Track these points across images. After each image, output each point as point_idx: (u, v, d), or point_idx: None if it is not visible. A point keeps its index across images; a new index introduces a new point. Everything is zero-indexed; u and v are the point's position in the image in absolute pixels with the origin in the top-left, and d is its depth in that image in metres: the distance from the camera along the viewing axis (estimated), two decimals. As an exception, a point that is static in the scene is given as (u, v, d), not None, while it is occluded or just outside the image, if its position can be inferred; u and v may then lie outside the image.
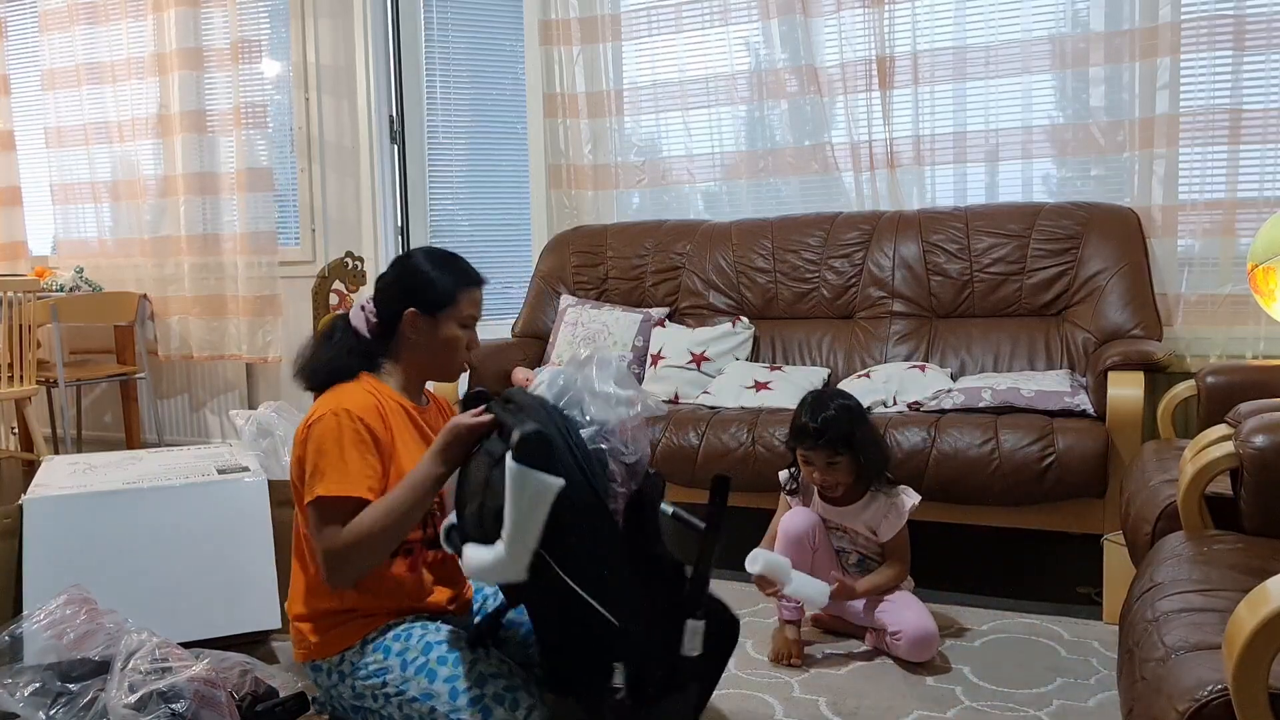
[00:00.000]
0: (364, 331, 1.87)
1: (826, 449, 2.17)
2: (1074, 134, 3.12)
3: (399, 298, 1.85)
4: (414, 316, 1.84)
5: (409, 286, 1.86)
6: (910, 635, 2.10)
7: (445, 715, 1.68)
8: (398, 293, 1.86)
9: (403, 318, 1.84)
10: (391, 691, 1.73)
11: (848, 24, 3.33)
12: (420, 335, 1.85)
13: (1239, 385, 2.13)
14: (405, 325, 1.84)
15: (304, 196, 4.34)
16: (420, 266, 1.87)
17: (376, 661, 1.74)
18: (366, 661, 1.75)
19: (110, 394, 4.84)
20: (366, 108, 4.18)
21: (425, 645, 1.73)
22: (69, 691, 1.60)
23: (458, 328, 1.86)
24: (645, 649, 1.51)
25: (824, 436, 2.15)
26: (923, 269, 3.15)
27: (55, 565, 2.14)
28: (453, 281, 1.86)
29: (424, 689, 1.70)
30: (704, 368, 3.18)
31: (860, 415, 2.22)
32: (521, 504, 1.42)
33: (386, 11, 4.20)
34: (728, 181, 3.64)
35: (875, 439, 2.26)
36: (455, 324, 1.85)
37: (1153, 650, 1.15)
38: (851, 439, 2.16)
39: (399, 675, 1.72)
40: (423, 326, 1.84)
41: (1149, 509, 1.75)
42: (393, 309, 1.85)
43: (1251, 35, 2.83)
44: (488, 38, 4.35)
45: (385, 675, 1.73)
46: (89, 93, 4.66)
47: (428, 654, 1.72)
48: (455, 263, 1.91)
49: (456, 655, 1.72)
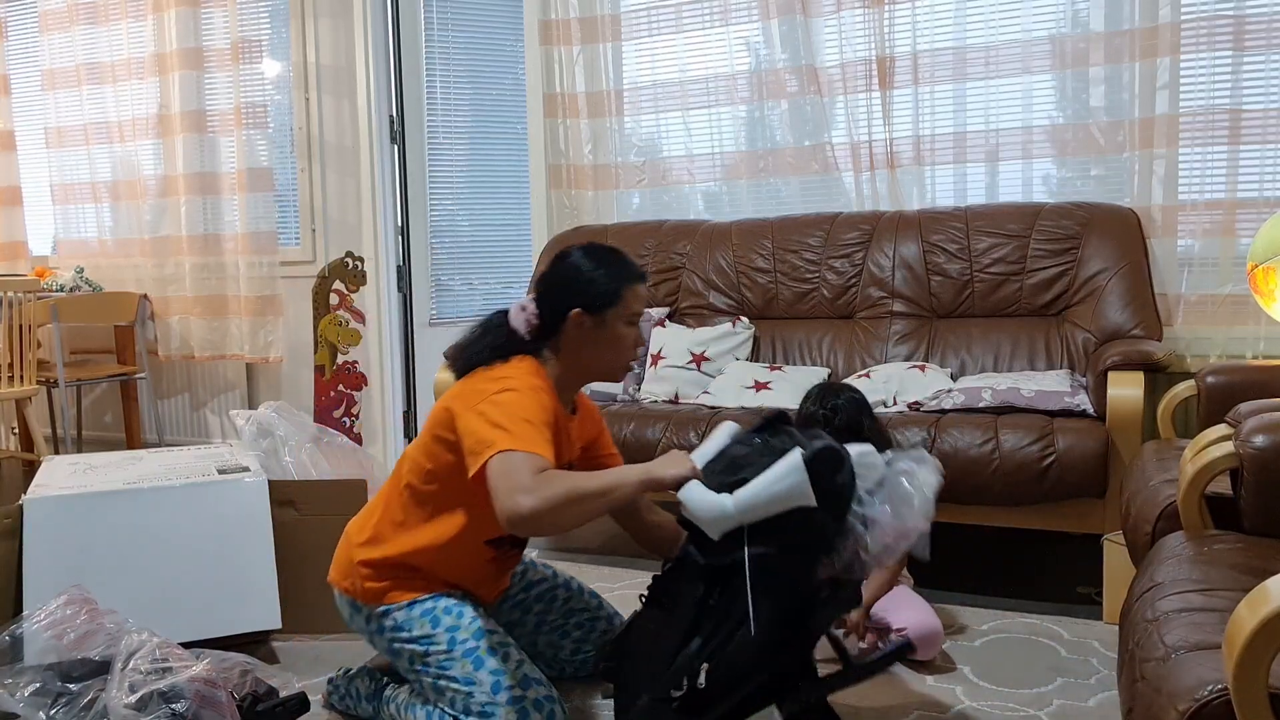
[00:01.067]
0: (523, 333, 1.82)
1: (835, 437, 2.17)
2: (1074, 134, 3.12)
3: (563, 298, 1.80)
4: (580, 316, 1.78)
5: (573, 286, 1.80)
6: (915, 632, 2.10)
7: (480, 706, 1.69)
8: (562, 293, 1.80)
9: (567, 318, 1.79)
10: (432, 663, 1.74)
11: (848, 24, 3.33)
12: (586, 335, 1.80)
13: (1239, 385, 2.13)
14: (570, 326, 1.79)
15: (304, 196, 4.34)
16: (582, 265, 1.82)
17: (423, 629, 1.75)
18: (411, 624, 1.76)
19: (110, 394, 4.84)
20: (366, 108, 4.18)
21: (478, 631, 1.74)
22: (69, 692, 1.60)
23: (624, 325, 1.80)
24: (744, 673, 1.55)
25: (833, 423, 2.16)
26: (923, 269, 3.15)
27: (55, 565, 2.14)
28: (617, 278, 1.80)
29: (467, 673, 1.71)
30: (704, 368, 3.18)
31: (867, 407, 2.22)
32: (774, 489, 1.47)
33: (386, 11, 4.20)
34: (728, 181, 3.64)
35: (882, 431, 2.26)
36: (622, 322, 1.80)
37: (1153, 650, 1.15)
38: (860, 429, 2.17)
39: (444, 651, 1.73)
40: (589, 326, 1.79)
41: (1149, 509, 1.75)
42: (557, 309, 1.79)
43: (1251, 35, 2.83)
44: (488, 38, 4.35)
45: (429, 646, 1.74)
46: (89, 93, 4.66)
47: (479, 640, 1.73)
48: (617, 259, 1.83)
49: (506, 651, 1.74)
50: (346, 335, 3.72)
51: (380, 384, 4.23)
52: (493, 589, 1.95)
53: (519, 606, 2.04)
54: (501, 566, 1.91)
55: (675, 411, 2.87)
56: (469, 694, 1.70)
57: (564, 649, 2.05)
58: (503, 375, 1.73)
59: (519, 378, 1.72)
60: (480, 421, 1.64)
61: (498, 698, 1.68)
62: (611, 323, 1.79)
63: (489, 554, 1.84)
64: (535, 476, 1.52)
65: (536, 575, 2.07)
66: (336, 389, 3.72)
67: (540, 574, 2.08)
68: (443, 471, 1.77)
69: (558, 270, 1.84)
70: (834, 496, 1.51)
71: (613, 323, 1.79)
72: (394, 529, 1.82)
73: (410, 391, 4.36)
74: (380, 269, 4.21)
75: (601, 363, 1.83)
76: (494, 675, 1.70)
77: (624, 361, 1.85)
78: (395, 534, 1.81)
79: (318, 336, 3.71)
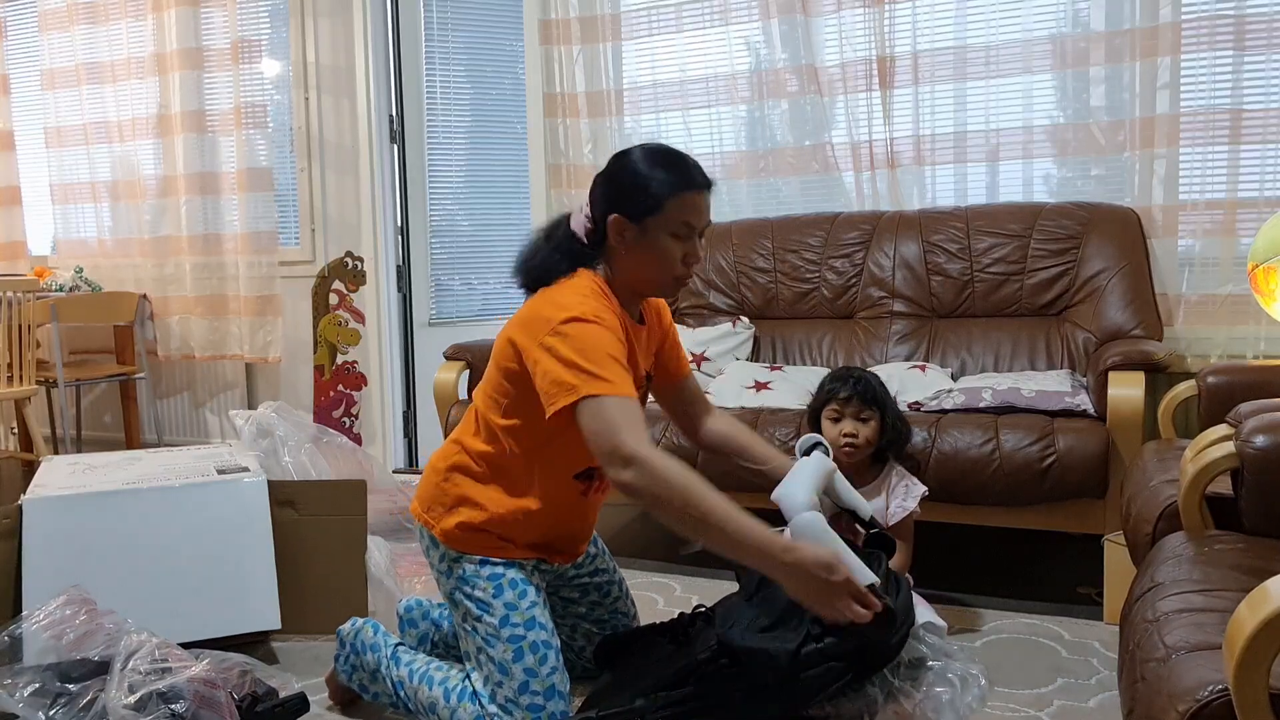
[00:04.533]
0: (581, 236, 1.73)
1: (859, 402, 2.19)
2: (1074, 134, 3.12)
3: (607, 201, 1.69)
4: (620, 223, 1.67)
5: (618, 189, 1.68)
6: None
7: (505, 699, 1.68)
8: (606, 195, 1.70)
9: (608, 223, 1.68)
10: (482, 630, 1.72)
11: (848, 24, 3.32)
12: (626, 244, 1.68)
13: (1239, 385, 2.13)
14: (611, 232, 1.68)
15: (304, 196, 4.34)
16: (632, 166, 1.68)
17: (485, 591, 1.72)
18: (478, 581, 1.73)
19: (110, 394, 4.84)
20: (366, 108, 4.18)
21: (530, 620, 1.71)
22: (69, 692, 1.60)
23: (668, 238, 1.67)
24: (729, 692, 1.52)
25: (859, 388, 2.20)
26: (923, 269, 3.14)
27: (55, 565, 2.13)
28: (665, 184, 1.66)
29: (504, 658, 1.69)
30: (704, 368, 3.18)
31: (885, 388, 2.27)
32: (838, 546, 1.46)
33: (386, 11, 4.20)
34: (728, 181, 3.63)
35: (899, 412, 2.30)
36: (665, 233, 1.67)
37: (1153, 650, 1.14)
38: (883, 399, 2.21)
39: (493, 627, 1.70)
40: (630, 235, 1.68)
41: (1149, 509, 1.75)
42: (602, 213, 1.69)
43: (1252, 35, 2.83)
44: (488, 38, 4.35)
45: (484, 613, 1.72)
46: (89, 93, 4.65)
47: (529, 630, 1.70)
48: (672, 162, 1.69)
49: (546, 654, 1.70)
50: (346, 335, 3.72)
51: (380, 384, 4.23)
52: (577, 535, 1.86)
53: (579, 588, 1.99)
54: (591, 502, 1.84)
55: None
56: (499, 681, 1.68)
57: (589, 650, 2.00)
58: (565, 300, 1.62)
59: (582, 302, 1.61)
60: (550, 359, 1.56)
61: (521, 699, 1.67)
62: (653, 232, 1.67)
63: (578, 489, 1.78)
64: (638, 439, 1.46)
65: (604, 564, 2.02)
66: (336, 389, 3.72)
67: (607, 564, 2.03)
68: (517, 408, 1.70)
69: (610, 170, 1.72)
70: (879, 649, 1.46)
71: (654, 232, 1.67)
72: (492, 470, 1.75)
73: (410, 391, 4.36)
74: (380, 269, 4.21)
75: (644, 276, 1.71)
76: (526, 674, 1.68)
77: (667, 277, 1.71)
78: (483, 473, 1.74)
79: (317, 336, 3.71)
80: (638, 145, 1.73)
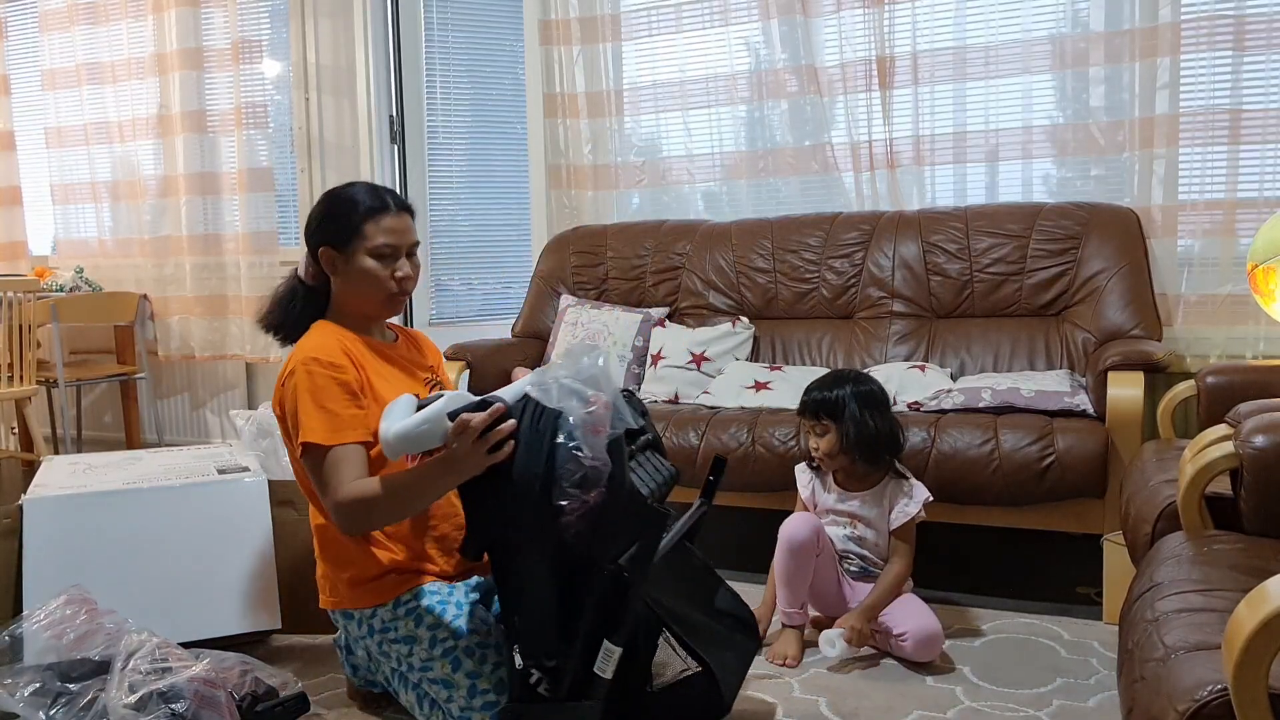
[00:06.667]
0: (305, 278, 1.90)
1: (811, 416, 2.23)
2: (1074, 134, 3.12)
3: (316, 236, 1.85)
4: (329, 254, 1.83)
5: (319, 223, 1.85)
6: (916, 636, 2.10)
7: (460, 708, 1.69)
8: (314, 230, 1.86)
9: (319, 256, 1.84)
10: (416, 664, 1.74)
11: (848, 24, 3.33)
12: (339, 272, 1.84)
13: (1239, 385, 2.13)
14: (324, 264, 1.85)
15: (304, 196, 4.34)
16: (332, 200, 1.86)
17: (407, 628, 1.75)
18: (397, 624, 1.76)
19: (110, 394, 4.84)
20: (366, 108, 4.18)
21: (456, 630, 1.74)
22: (69, 691, 1.60)
23: (370, 259, 1.81)
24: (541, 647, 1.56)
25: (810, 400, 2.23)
26: (923, 269, 3.14)
27: (55, 565, 2.14)
28: (361, 210, 1.81)
29: (446, 675, 1.71)
30: (704, 368, 3.18)
31: (866, 395, 2.22)
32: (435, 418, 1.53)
33: (386, 11, 4.20)
34: (728, 181, 3.64)
35: (873, 420, 2.21)
36: (367, 255, 1.81)
37: (1153, 650, 1.15)
38: (838, 411, 2.19)
39: (426, 652, 1.73)
40: (340, 263, 1.83)
41: (1149, 509, 1.75)
42: (313, 247, 1.86)
43: (1251, 35, 2.83)
44: (488, 38, 4.35)
45: (413, 646, 1.74)
46: (89, 93, 4.66)
47: (457, 639, 1.73)
48: (367, 191, 1.85)
49: (484, 653, 1.72)
50: (346, 335, 3.71)
51: (380, 384, 4.22)
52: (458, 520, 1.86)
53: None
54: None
55: (675, 412, 2.87)
56: (449, 696, 1.71)
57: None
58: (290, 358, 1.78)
59: (299, 354, 1.75)
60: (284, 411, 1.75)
61: (473, 702, 1.69)
62: (357, 257, 1.80)
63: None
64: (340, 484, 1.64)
65: None
66: (336, 389, 3.71)
67: None
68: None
69: (316, 208, 1.87)
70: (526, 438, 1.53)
71: (358, 256, 1.80)
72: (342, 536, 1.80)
73: (410, 391, 4.36)
74: (380, 269, 4.21)
75: (361, 300, 1.84)
76: (470, 678, 1.70)
77: (382, 295, 1.83)
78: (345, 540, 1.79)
79: (317, 336, 3.71)
80: (341, 185, 1.89)
